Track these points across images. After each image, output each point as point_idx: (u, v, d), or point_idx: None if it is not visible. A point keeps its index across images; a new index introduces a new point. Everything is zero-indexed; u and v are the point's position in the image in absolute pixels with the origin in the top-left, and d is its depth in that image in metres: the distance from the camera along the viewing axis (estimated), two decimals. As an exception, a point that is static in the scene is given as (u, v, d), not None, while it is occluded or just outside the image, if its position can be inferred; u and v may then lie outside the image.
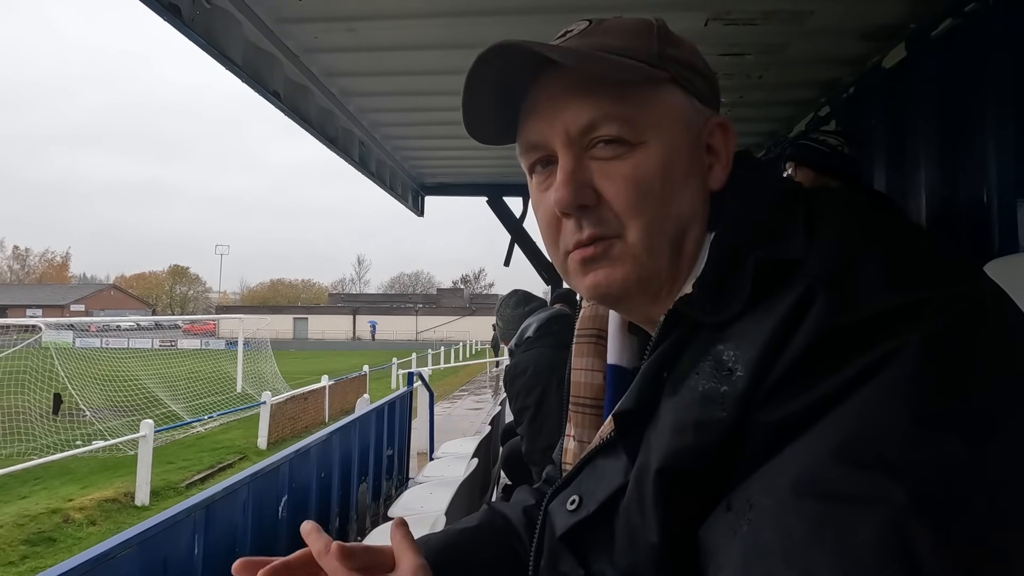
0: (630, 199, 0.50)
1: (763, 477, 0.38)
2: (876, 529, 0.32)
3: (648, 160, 0.50)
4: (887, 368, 0.35)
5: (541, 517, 0.60)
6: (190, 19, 1.70)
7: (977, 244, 1.72)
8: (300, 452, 2.82)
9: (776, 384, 0.39)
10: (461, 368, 23.26)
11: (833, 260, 0.41)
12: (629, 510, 0.47)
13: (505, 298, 2.15)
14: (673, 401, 0.45)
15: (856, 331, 0.37)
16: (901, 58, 2.11)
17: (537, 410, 1.73)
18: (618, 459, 0.50)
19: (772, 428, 0.39)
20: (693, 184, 0.52)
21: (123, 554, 1.59)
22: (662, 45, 0.52)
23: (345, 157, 3.16)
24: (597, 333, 0.65)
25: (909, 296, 0.38)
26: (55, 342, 15.33)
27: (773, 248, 0.44)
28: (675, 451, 0.43)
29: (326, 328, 55.20)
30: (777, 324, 0.40)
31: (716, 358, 0.43)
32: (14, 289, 66.76)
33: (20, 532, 6.46)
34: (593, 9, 1.84)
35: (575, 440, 0.63)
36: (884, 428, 0.34)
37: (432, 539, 0.67)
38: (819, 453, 0.35)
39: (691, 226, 0.51)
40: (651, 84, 0.51)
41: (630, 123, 0.50)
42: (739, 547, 0.37)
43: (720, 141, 0.54)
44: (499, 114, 0.55)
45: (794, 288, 0.40)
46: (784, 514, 0.35)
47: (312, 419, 12.15)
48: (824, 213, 0.46)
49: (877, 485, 0.33)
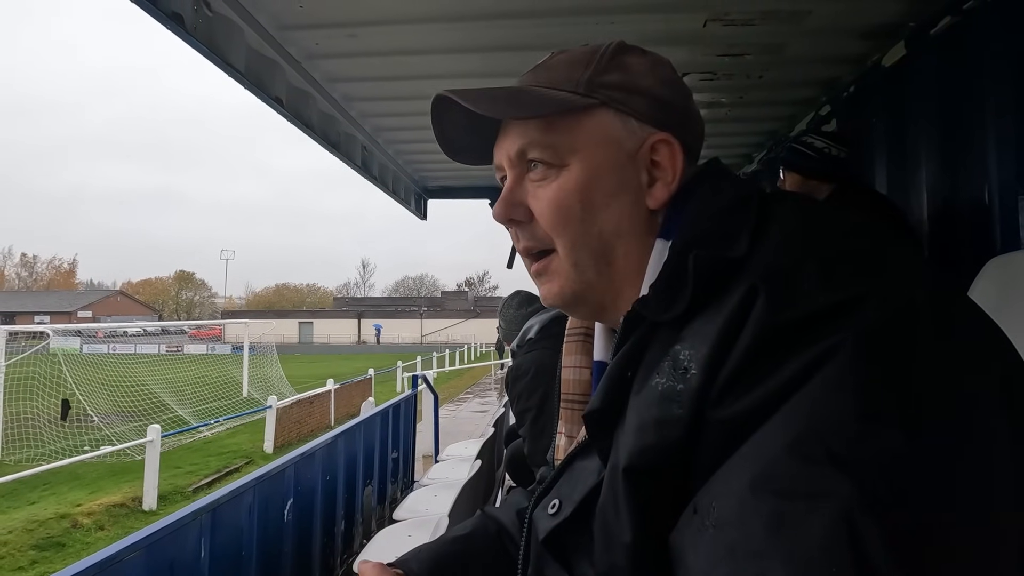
0: (552, 219, 0.56)
1: (724, 477, 0.39)
2: (826, 524, 0.33)
3: (568, 183, 0.55)
4: (828, 364, 0.37)
5: (527, 523, 0.60)
6: (193, 27, 1.72)
7: (978, 241, 1.72)
8: (305, 455, 2.83)
9: (727, 381, 0.40)
10: (466, 371, 23.26)
11: (775, 259, 0.43)
12: (604, 510, 0.48)
13: (508, 299, 2.15)
14: (637, 400, 0.46)
15: (797, 327, 0.39)
16: (901, 56, 2.11)
17: (539, 412, 1.73)
18: (593, 460, 0.51)
19: (725, 425, 0.40)
20: (623, 201, 0.55)
21: (130, 557, 1.60)
22: (596, 72, 0.56)
23: (348, 162, 3.17)
24: (585, 331, 0.67)
25: (847, 292, 0.39)
26: (63, 348, 15.43)
27: (714, 248, 0.46)
28: (639, 449, 0.44)
29: (331, 332, 55.34)
30: (724, 322, 0.41)
31: (674, 357, 0.44)
32: (22, 296, 67.29)
33: (30, 537, 6.51)
34: (591, 12, 1.85)
35: (566, 437, 0.65)
36: (830, 423, 0.35)
37: (423, 551, 0.68)
38: (772, 450, 0.36)
39: (619, 241, 0.55)
40: (576, 111, 0.55)
41: (552, 148, 0.55)
42: (704, 548, 0.38)
43: (666, 157, 0.55)
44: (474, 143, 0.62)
45: (739, 287, 0.42)
46: (744, 514, 0.36)
47: (318, 423, 12.18)
48: (774, 216, 0.47)
49: (826, 480, 0.34)
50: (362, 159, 3.30)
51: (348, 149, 3.10)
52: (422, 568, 0.66)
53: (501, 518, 0.74)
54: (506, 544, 0.71)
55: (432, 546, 0.70)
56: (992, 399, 0.36)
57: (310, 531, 2.86)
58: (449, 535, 0.74)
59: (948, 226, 1.91)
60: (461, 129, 0.60)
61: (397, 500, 4.10)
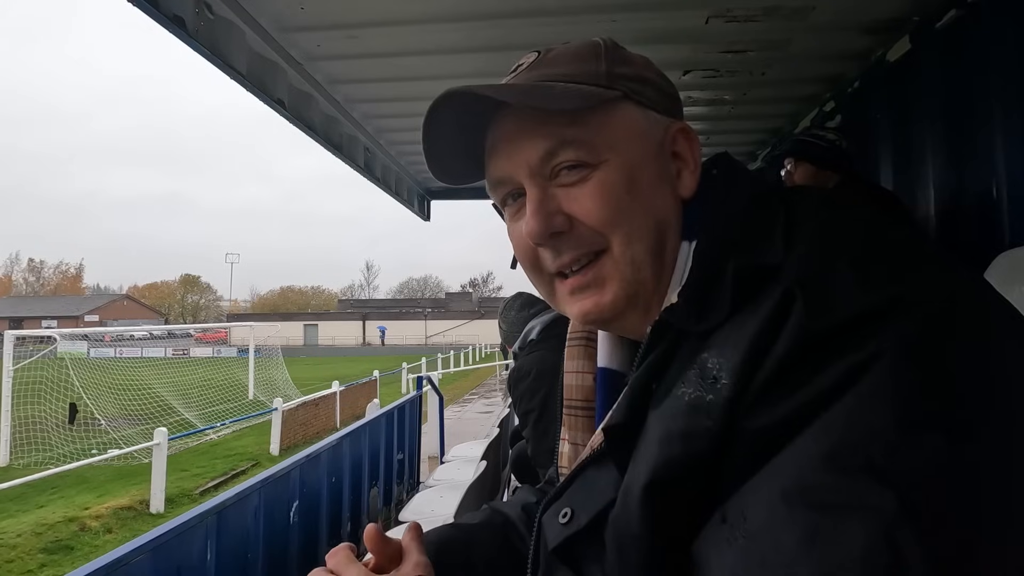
0: (603, 214, 0.51)
1: (756, 487, 0.38)
2: (865, 538, 0.31)
3: (612, 176, 0.51)
4: (868, 372, 0.35)
5: (536, 528, 0.59)
6: (194, 30, 1.72)
7: (986, 236, 1.71)
8: (311, 457, 2.84)
9: (760, 390, 0.39)
10: (471, 372, 23.27)
11: (808, 264, 0.41)
12: (618, 523, 0.47)
13: (509, 301, 2.15)
14: (660, 412, 0.45)
15: (834, 334, 0.37)
16: (905, 51, 2.09)
17: (541, 413, 1.73)
18: (609, 472, 0.50)
19: (759, 435, 0.38)
20: (664, 191, 0.53)
21: (137, 560, 1.61)
22: (610, 65, 0.53)
23: (351, 163, 3.18)
24: (587, 336, 0.65)
25: (884, 293, 0.38)
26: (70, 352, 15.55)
27: (753, 255, 0.44)
28: (664, 463, 0.42)
29: (336, 334, 55.50)
30: (758, 330, 0.40)
31: (701, 367, 0.42)
32: (30, 301, 67.79)
33: (38, 541, 6.55)
34: (592, 11, 1.84)
35: (569, 443, 0.63)
36: (870, 433, 0.34)
37: (431, 534, 0.68)
38: (809, 461, 0.35)
39: (668, 234, 0.52)
40: (603, 105, 0.52)
41: (587, 146, 0.51)
42: (732, 559, 0.37)
43: (685, 147, 0.54)
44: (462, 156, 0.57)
45: (773, 294, 0.40)
46: (776, 525, 0.35)
47: (323, 425, 12.21)
48: (801, 216, 0.46)
49: (866, 492, 0.33)
50: (364, 160, 3.30)
51: (350, 151, 3.11)
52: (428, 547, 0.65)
53: (507, 511, 0.74)
54: (511, 536, 0.70)
55: (438, 529, 0.70)
56: None
57: (316, 533, 2.86)
58: (455, 523, 0.74)
59: (956, 221, 1.90)
60: (449, 143, 0.55)
61: (403, 501, 4.10)
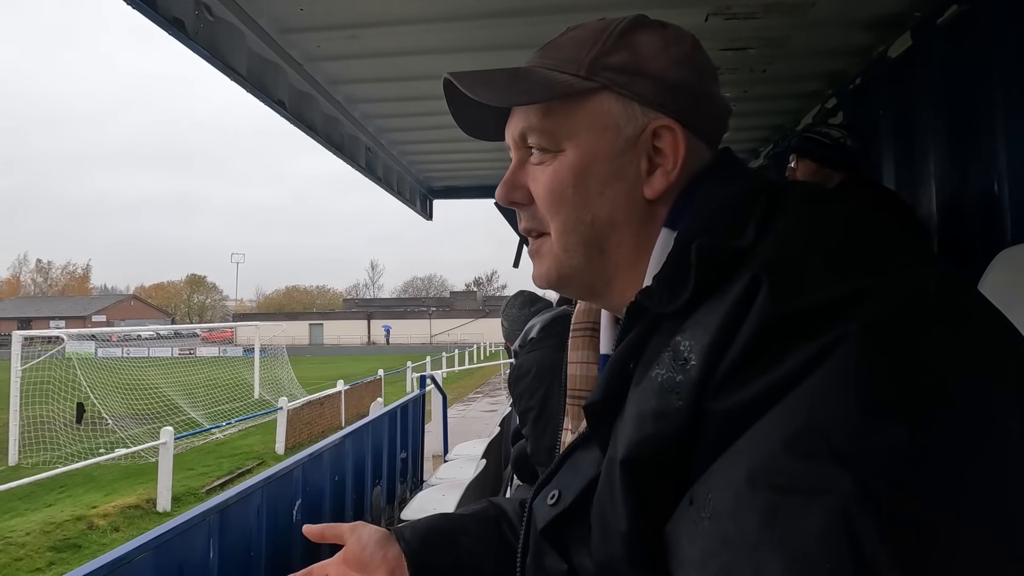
0: (545, 202, 0.56)
1: (720, 469, 0.38)
2: (823, 520, 0.32)
3: (563, 168, 0.54)
4: (831, 357, 0.36)
5: (527, 513, 0.61)
6: (194, 32, 1.73)
7: (988, 234, 1.69)
8: (313, 456, 2.85)
9: (726, 373, 0.39)
10: (475, 370, 23.30)
11: (779, 250, 0.42)
12: (601, 502, 0.48)
13: (511, 299, 2.16)
14: (636, 392, 0.46)
15: (799, 319, 0.38)
16: (907, 47, 2.08)
17: (541, 411, 1.73)
18: (592, 451, 0.51)
19: (724, 417, 0.39)
20: (618, 189, 0.53)
21: (139, 558, 1.62)
22: (601, 53, 0.53)
23: (352, 163, 3.18)
24: (592, 326, 0.66)
25: (852, 285, 0.38)
26: (77, 352, 15.65)
27: (718, 238, 0.45)
28: (637, 441, 0.43)
29: (341, 333, 55.65)
30: (725, 313, 0.40)
31: (675, 348, 0.43)
32: (38, 302, 68.30)
33: (47, 539, 6.61)
34: (591, 9, 1.84)
35: (572, 433, 0.64)
36: (832, 417, 0.34)
37: (419, 522, 0.70)
38: (771, 444, 0.36)
39: (612, 230, 0.54)
40: (576, 95, 0.53)
41: (548, 134, 0.55)
42: (699, 541, 0.37)
43: (668, 144, 0.53)
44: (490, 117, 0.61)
45: (741, 278, 0.41)
46: (740, 507, 0.35)
47: (329, 424, 12.25)
48: (781, 207, 0.46)
49: (825, 475, 0.33)
50: (366, 160, 3.31)
51: (352, 151, 3.11)
52: (414, 536, 0.68)
53: (504, 505, 0.75)
54: (503, 529, 0.71)
55: (428, 518, 0.72)
56: (1008, 397, 0.35)
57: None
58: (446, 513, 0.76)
59: (957, 218, 1.89)
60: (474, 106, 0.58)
61: (406, 500, 4.11)
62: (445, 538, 0.69)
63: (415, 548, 0.67)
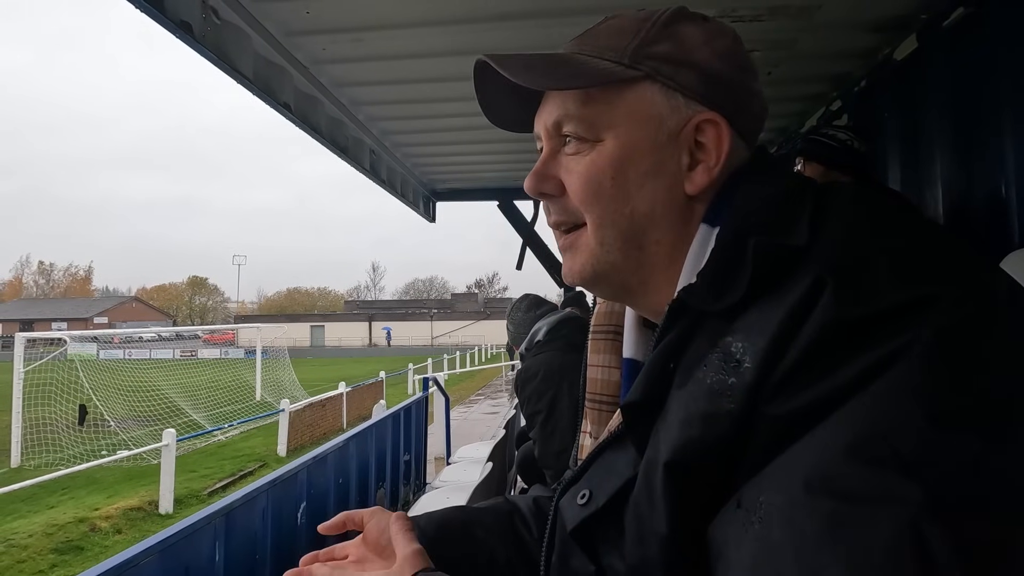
0: (582, 193, 0.53)
1: (774, 474, 0.37)
2: (891, 530, 0.31)
3: (601, 159, 0.52)
4: (898, 363, 0.35)
5: (552, 512, 0.60)
6: (201, 35, 1.73)
7: (996, 237, 1.69)
8: (317, 459, 2.85)
9: (785, 376, 0.38)
10: (477, 372, 23.29)
11: (842, 252, 0.41)
12: (638, 503, 0.46)
13: (516, 302, 2.15)
14: (681, 393, 0.44)
15: (866, 324, 0.37)
16: (912, 50, 2.08)
17: (548, 414, 1.72)
18: (627, 452, 0.50)
19: (781, 421, 0.38)
20: (658, 183, 0.52)
21: (145, 561, 1.62)
22: (645, 42, 0.52)
23: (356, 166, 3.19)
24: (614, 329, 0.64)
25: (920, 290, 0.37)
26: (80, 354, 15.67)
27: (774, 236, 0.43)
28: (683, 444, 0.42)
29: (342, 335, 55.68)
30: (785, 315, 0.39)
31: (724, 350, 0.42)
32: (40, 303, 68.41)
33: (49, 541, 6.61)
34: (597, 11, 1.83)
35: (592, 437, 0.63)
36: (898, 425, 0.33)
37: (435, 513, 0.70)
38: (831, 450, 0.35)
39: (651, 226, 0.52)
40: (617, 84, 0.51)
41: (587, 122, 0.53)
42: (749, 545, 0.36)
43: (712, 138, 0.51)
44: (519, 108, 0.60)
45: (801, 279, 0.40)
46: (796, 512, 0.34)
47: (330, 426, 12.25)
48: (832, 205, 0.45)
49: (892, 484, 0.32)
50: (370, 163, 3.31)
51: (356, 153, 3.12)
52: (429, 525, 0.68)
53: (518, 501, 0.74)
54: (516, 524, 0.71)
55: (444, 510, 0.72)
56: None
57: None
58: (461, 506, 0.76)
59: (965, 221, 1.88)
60: (504, 95, 0.57)
61: (410, 502, 4.11)
62: (460, 529, 0.68)
63: (430, 536, 0.66)
